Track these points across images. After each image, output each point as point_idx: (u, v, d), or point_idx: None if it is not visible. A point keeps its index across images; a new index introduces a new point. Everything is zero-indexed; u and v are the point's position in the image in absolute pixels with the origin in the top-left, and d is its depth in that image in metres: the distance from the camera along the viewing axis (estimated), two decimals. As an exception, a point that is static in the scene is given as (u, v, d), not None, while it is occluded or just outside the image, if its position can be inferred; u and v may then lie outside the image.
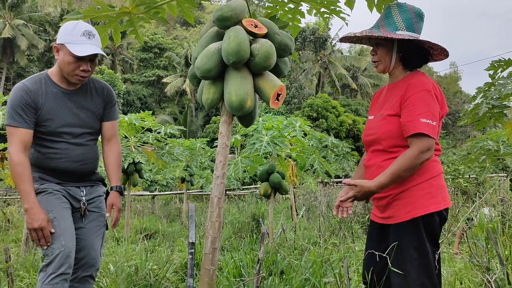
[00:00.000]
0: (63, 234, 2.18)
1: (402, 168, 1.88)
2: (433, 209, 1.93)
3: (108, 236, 6.81)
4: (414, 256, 1.91)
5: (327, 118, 26.43)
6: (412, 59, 2.06)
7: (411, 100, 1.93)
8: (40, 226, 2.11)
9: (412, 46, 2.05)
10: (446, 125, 40.72)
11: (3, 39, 34.33)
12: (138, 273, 3.14)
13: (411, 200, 1.94)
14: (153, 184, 16.75)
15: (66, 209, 2.27)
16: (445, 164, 11.86)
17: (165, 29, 49.80)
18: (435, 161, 2.01)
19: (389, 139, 2.01)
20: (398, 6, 2.06)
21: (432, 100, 1.92)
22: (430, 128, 1.88)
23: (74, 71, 2.24)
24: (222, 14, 2.48)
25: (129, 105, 35.47)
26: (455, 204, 5.79)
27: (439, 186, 1.98)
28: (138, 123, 6.88)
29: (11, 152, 2.18)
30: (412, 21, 2.03)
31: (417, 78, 1.99)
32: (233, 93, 2.41)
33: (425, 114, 1.89)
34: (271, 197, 5.55)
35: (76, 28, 2.23)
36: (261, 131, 5.35)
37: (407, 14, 2.04)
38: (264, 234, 2.76)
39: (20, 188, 2.15)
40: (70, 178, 2.34)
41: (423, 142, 1.88)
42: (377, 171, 2.00)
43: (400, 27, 2.02)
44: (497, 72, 4.37)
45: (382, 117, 2.05)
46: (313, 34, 33.17)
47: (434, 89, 1.96)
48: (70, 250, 2.17)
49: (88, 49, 2.20)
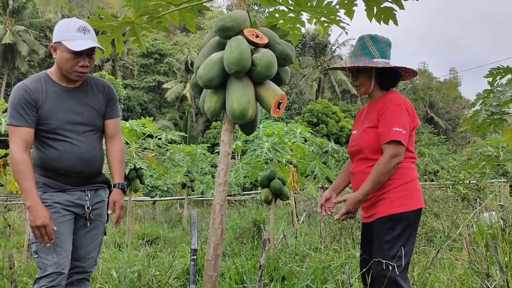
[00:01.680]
0: (57, 251, 2.20)
1: (379, 174, 2.20)
2: (408, 208, 2.23)
3: (109, 242, 6.82)
4: (386, 247, 2.20)
5: (327, 124, 26.49)
6: (387, 81, 2.41)
7: (386, 114, 2.26)
8: (42, 224, 2.13)
9: (388, 72, 2.39)
10: (446, 131, 40.74)
11: (4, 45, 34.45)
12: (141, 279, 3.16)
13: (390, 200, 2.24)
14: (153, 190, 16.76)
15: (63, 223, 2.26)
16: (445, 170, 11.88)
17: (165, 35, 49.94)
18: (411, 168, 2.32)
19: (369, 148, 2.33)
20: (371, 38, 2.41)
21: (403, 113, 2.25)
22: (401, 135, 2.19)
23: (73, 67, 2.24)
24: (224, 24, 2.52)
25: (130, 110, 35.52)
26: (455, 210, 5.81)
27: (414, 189, 2.29)
28: (139, 129, 6.91)
29: (12, 151, 2.18)
30: (384, 50, 2.39)
31: (391, 96, 2.35)
32: (235, 102, 2.44)
33: (397, 124, 2.21)
34: (272, 203, 5.57)
35: (71, 24, 2.23)
36: (262, 137, 5.38)
37: (379, 44, 2.39)
38: (266, 241, 2.79)
39: (22, 186, 2.15)
40: (76, 180, 2.32)
41: (394, 148, 2.19)
42: (362, 177, 2.32)
43: (375, 56, 2.37)
44: (496, 79, 4.40)
45: (363, 129, 2.39)
46: (313, 40, 33.31)
47: (405, 103, 2.29)
48: (62, 267, 2.20)
49: (85, 44, 2.21)
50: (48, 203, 2.24)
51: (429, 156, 12.20)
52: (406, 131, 2.22)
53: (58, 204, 2.27)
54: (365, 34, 2.46)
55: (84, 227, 2.38)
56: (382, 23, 2.83)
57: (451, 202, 7.05)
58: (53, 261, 2.17)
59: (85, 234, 2.38)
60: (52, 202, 2.25)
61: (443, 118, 43.68)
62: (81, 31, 2.23)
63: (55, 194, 2.28)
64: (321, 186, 10.55)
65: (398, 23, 2.79)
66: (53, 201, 2.26)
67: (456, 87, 56.18)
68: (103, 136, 2.52)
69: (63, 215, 2.27)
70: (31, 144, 2.25)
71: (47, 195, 2.26)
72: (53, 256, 2.18)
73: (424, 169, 12.17)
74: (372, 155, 2.30)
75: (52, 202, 2.25)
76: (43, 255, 2.19)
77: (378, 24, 2.85)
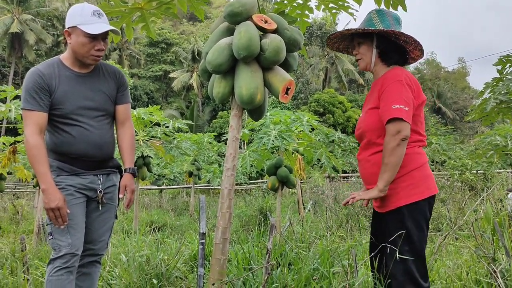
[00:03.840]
0: (71, 232, 2.24)
1: (386, 156, 2.06)
2: (416, 198, 2.10)
3: (117, 228, 6.90)
4: (397, 242, 2.08)
5: (333, 113, 26.40)
6: (389, 53, 2.24)
7: (385, 92, 2.12)
8: (56, 206, 2.17)
9: (389, 42, 2.24)
10: (454, 121, 40.49)
11: (12, 34, 34.55)
12: (150, 263, 3.21)
13: (396, 191, 2.12)
14: (160, 178, 16.87)
15: (77, 206, 2.30)
16: (452, 160, 11.83)
17: (172, 24, 49.85)
18: (418, 153, 2.17)
19: (371, 131, 2.21)
20: (378, 12, 2.28)
21: (403, 88, 2.09)
22: (402, 112, 2.04)
23: (90, 51, 2.27)
24: (232, 10, 2.52)
25: (136, 100, 35.61)
26: (462, 198, 5.81)
27: (422, 176, 2.14)
28: (146, 117, 6.94)
29: (26, 135, 2.21)
30: (389, 24, 2.23)
31: (392, 72, 2.18)
32: (244, 87, 2.45)
33: (397, 101, 2.06)
34: (279, 190, 5.60)
35: (85, 9, 2.25)
36: (269, 125, 5.39)
37: (385, 18, 2.25)
38: (273, 226, 2.82)
39: (36, 169, 2.19)
40: (88, 164, 2.35)
41: (393, 126, 2.05)
42: (366, 164, 2.23)
43: (378, 26, 2.23)
44: (505, 67, 4.37)
45: (365, 111, 2.27)
46: (320, 29, 33.08)
47: (406, 79, 2.13)
48: (76, 248, 2.24)
49: (101, 27, 2.25)
50: (61, 185, 2.28)
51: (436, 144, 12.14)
52: (409, 107, 2.06)
53: (71, 187, 2.30)
54: (372, 9, 2.32)
55: (96, 211, 2.42)
56: (391, 8, 2.82)
57: (458, 190, 7.05)
58: (67, 242, 2.21)
59: (97, 217, 2.43)
60: (65, 185, 2.29)
61: (450, 108, 43.37)
62: (95, 15, 2.26)
63: (68, 178, 2.32)
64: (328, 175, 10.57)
65: (407, 9, 2.78)
66: (67, 184, 2.30)
67: (464, 77, 55.68)
68: (114, 122, 2.55)
69: (76, 197, 2.31)
70: (45, 128, 2.29)
71: (61, 178, 2.30)
72: (67, 238, 2.22)
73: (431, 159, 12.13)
74: (376, 138, 2.18)
75: (65, 185, 2.29)
76: (57, 236, 2.23)
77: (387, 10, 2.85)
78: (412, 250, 2.10)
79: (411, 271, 2.08)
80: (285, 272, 2.90)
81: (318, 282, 2.68)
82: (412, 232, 2.10)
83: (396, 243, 2.10)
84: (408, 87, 2.11)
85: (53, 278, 2.19)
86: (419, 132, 2.20)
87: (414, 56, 2.31)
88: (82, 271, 2.42)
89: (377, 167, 2.16)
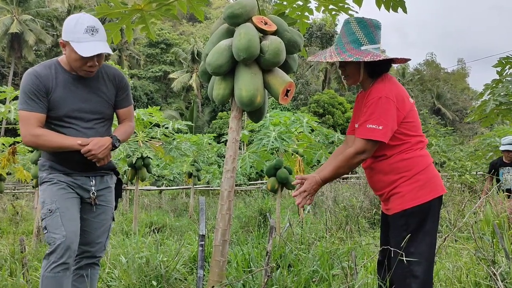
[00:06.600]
0: (65, 224, 2.22)
1: (340, 165, 2.13)
2: (423, 200, 2.09)
3: (117, 229, 6.89)
4: (403, 244, 2.07)
5: (333, 115, 26.39)
6: (377, 71, 2.20)
7: (365, 108, 2.11)
8: (98, 143, 2.26)
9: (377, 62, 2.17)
10: (453, 122, 40.49)
11: (11, 34, 34.53)
12: (149, 264, 3.20)
13: (401, 194, 2.12)
14: (160, 179, 16.87)
15: (71, 200, 2.30)
16: (451, 161, 11.82)
17: (172, 25, 49.85)
18: (421, 155, 2.16)
19: None
20: (358, 22, 2.17)
21: (384, 106, 2.06)
22: (374, 133, 2.05)
23: (82, 67, 2.26)
24: (232, 12, 2.52)
25: (136, 100, 35.61)
26: (462, 200, 5.81)
27: (428, 178, 2.13)
28: (146, 118, 6.95)
29: (29, 130, 2.21)
30: (372, 34, 2.17)
31: (375, 87, 2.14)
32: (243, 89, 2.45)
33: (372, 120, 2.06)
34: (278, 192, 5.59)
35: (79, 23, 2.20)
36: (269, 126, 5.39)
37: (367, 28, 2.16)
38: (273, 227, 2.82)
39: (60, 144, 2.23)
40: (80, 166, 2.35)
41: (362, 144, 2.08)
42: (370, 173, 2.24)
43: (363, 42, 2.15)
44: (505, 69, 4.38)
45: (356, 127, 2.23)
46: (320, 30, 33.08)
47: (388, 94, 2.08)
48: (71, 241, 2.21)
49: (93, 49, 2.19)
50: (54, 180, 2.31)
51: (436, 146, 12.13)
52: (385, 125, 2.05)
53: (63, 183, 2.32)
54: (351, 17, 2.23)
55: (91, 212, 2.42)
56: (391, 10, 2.83)
57: (457, 192, 7.05)
58: (61, 234, 2.19)
59: (93, 219, 2.42)
60: (58, 180, 2.32)
61: (450, 109, 43.39)
62: (89, 32, 2.19)
63: (61, 175, 2.34)
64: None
65: (407, 11, 2.78)
66: (59, 179, 2.32)
67: (464, 78, 55.74)
68: (112, 125, 2.54)
69: (69, 192, 2.32)
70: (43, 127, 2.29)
71: (53, 175, 2.33)
72: (62, 230, 2.20)
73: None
74: (376, 152, 2.16)
75: (58, 180, 2.32)
76: (52, 229, 2.21)
77: (387, 12, 2.85)
78: (418, 253, 2.07)
79: (416, 274, 2.06)
80: (285, 274, 2.90)
81: (318, 284, 2.68)
82: (419, 233, 2.09)
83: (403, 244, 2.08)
84: (390, 102, 2.07)
85: (49, 275, 2.16)
86: (417, 135, 2.18)
87: (399, 63, 2.32)
88: (80, 273, 2.42)
89: (381, 174, 2.18)
